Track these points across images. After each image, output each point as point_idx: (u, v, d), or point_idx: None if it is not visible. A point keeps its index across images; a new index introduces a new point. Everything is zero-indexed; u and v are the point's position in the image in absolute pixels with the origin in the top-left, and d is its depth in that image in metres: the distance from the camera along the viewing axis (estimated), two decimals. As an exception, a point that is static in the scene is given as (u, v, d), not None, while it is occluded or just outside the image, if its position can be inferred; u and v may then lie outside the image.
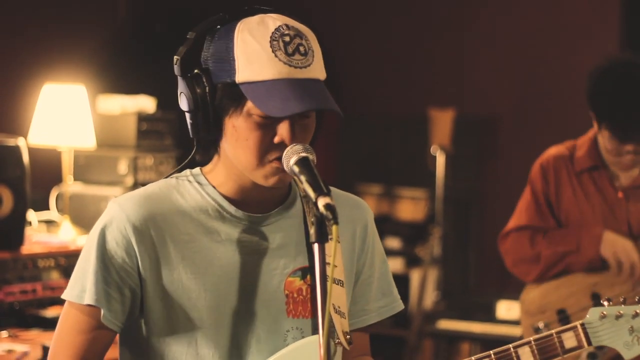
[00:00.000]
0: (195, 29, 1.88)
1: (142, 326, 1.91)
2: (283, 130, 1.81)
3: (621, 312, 2.26)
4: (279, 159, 1.82)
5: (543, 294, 3.29)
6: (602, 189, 3.25)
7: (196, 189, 1.92)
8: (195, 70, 1.86)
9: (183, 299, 1.87)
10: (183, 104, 1.88)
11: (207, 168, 1.95)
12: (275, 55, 1.80)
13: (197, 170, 1.95)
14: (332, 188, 2.00)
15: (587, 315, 2.26)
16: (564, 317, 3.22)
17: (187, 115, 1.88)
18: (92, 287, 1.86)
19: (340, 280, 1.94)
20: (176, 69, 1.87)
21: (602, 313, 2.26)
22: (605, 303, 2.28)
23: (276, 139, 1.82)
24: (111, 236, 1.87)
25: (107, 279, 1.86)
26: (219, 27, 1.86)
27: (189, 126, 1.89)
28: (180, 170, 1.97)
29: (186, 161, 1.96)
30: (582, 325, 2.25)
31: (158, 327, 1.90)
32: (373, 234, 2.06)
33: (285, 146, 1.81)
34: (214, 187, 1.91)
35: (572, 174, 3.27)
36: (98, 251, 1.87)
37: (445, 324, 5.64)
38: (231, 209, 1.90)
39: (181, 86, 1.88)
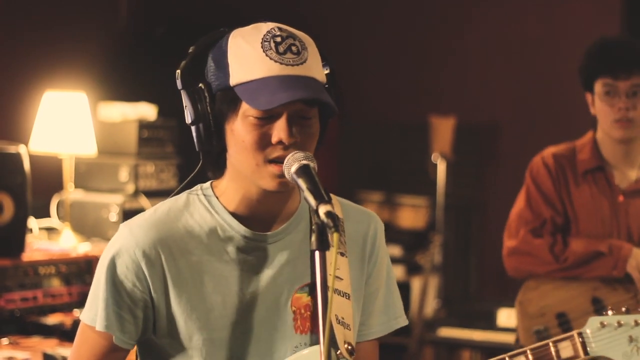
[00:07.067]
0: (197, 43, 1.89)
1: (156, 342, 1.93)
2: (279, 128, 1.80)
3: (622, 321, 2.20)
4: (279, 162, 1.81)
5: (541, 295, 3.23)
6: (603, 191, 3.23)
7: (205, 207, 1.92)
8: (196, 83, 1.86)
9: (192, 319, 1.88)
10: (187, 117, 1.89)
11: (217, 182, 1.95)
12: (267, 55, 1.80)
13: (207, 184, 1.95)
14: (344, 200, 2.03)
15: (586, 325, 2.24)
16: (564, 321, 3.18)
17: (192, 129, 1.89)
18: (103, 312, 1.89)
19: (346, 293, 1.94)
20: (178, 83, 1.88)
21: (602, 322, 2.22)
22: (610, 312, 2.24)
23: (274, 139, 1.81)
24: (121, 261, 1.88)
25: (119, 302, 1.89)
26: (219, 40, 1.87)
27: (195, 139, 1.90)
28: (190, 184, 1.97)
29: (192, 175, 1.96)
30: (580, 334, 2.23)
31: (169, 346, 1.92)
32: (382, 247, 2.05)
33: (284, 145, 1.80)
34: (222, 204, 1.91)
35: (574, 174, 3.25)
36: (109, 276, 1.89)
37: (446, 332, 5.63)
38: (240, 228, 1.90)
39: (184, 100, 1.89)
